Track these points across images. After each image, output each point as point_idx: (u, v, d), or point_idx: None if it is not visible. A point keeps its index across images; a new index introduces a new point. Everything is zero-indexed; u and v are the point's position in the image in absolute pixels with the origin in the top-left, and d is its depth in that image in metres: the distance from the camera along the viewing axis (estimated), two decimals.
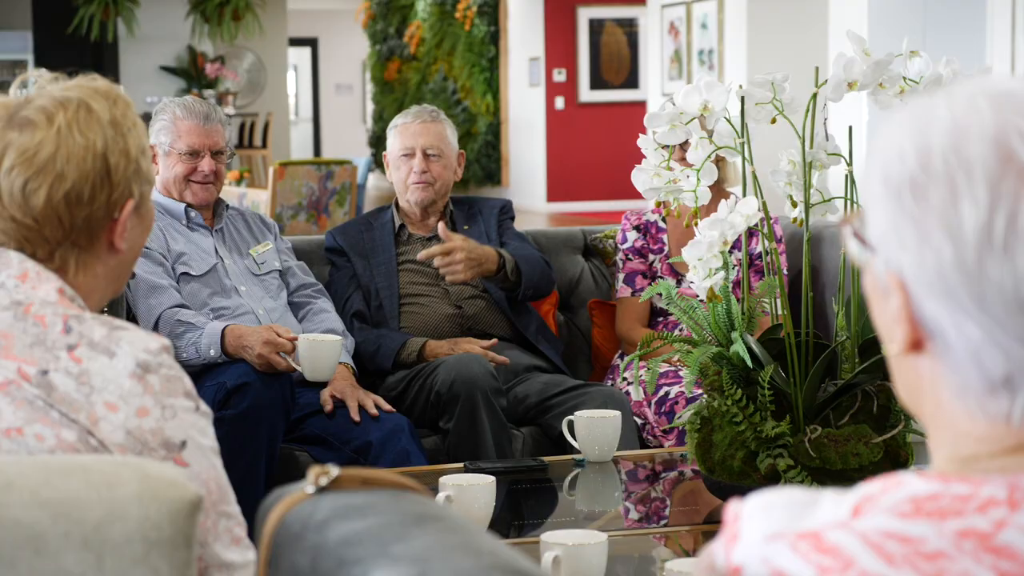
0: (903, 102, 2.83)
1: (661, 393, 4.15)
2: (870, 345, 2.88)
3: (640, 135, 3.00)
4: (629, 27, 17.76)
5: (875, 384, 2.87)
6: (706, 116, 2.86)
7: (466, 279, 4.25)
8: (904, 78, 2.85)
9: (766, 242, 3.00)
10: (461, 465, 3.42)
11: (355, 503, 1.34)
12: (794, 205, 2.93)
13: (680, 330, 4.02)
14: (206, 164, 4.12)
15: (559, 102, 17.79)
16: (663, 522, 3.19)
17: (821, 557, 1.01)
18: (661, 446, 4.08)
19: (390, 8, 21.17)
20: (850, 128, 2.92)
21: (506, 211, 4.60)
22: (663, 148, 2.93)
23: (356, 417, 3.89)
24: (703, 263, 2.79)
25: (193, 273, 4.05)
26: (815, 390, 2.86)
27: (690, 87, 2.87)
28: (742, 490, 2.88)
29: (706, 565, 1.14)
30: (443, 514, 1.31)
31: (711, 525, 3.07)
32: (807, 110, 2.89)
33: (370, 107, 23.03)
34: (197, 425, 1.91)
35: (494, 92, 18.66)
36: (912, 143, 1.08)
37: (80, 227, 1.94)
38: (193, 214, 4.16)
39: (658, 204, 2.94)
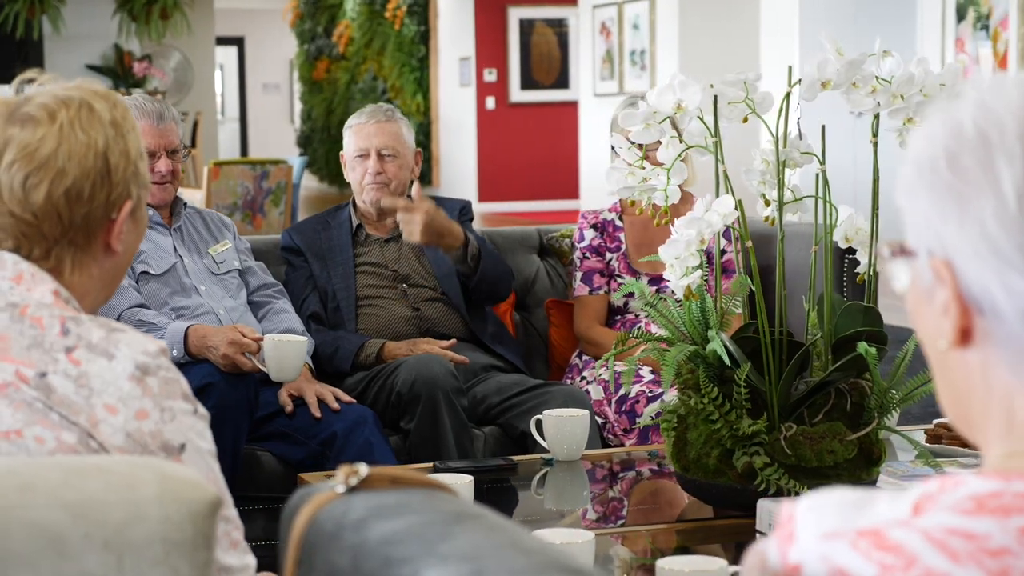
0: (875, 101, 2.87)
1: (621, 392, 4.15)
2: (843, 344, 2.90)
3: (614, 134, 3.00)
4: (559, 27, 17.80)
5: (848, 382, 2.90)
6: (679, 115, 2.87)
7: (421, 243, 4.25)
8: (876, 77, 2.87)
9: (733, 241, 3.02)
10: (431, 465, 3.41)
11: (388, 502, 1.33)
12: (767, 204, 2.94)
13: (639, 329, 4.02)
14: (163, 164, 4.07)
15: (490, 102, 17.80)
16: (625, 521, 3.19)
17: (883, 555, 1.01)
18: (622, 445, 4.09)
19: (318, 7, 21.08)
20: (823, 127, 2.94)
21: (466, 212, 4.59)
22: (636, 147, 2.93)
23: (317, 413, 3.88)
24: (680, 261, 2.80)
25: (153, 272, 4.01)
26: (790, 388, 2.88)
27: (664, 86, 2.87)
28: (717, 488, 2.89)
29: (755, 564, 1.14)
30: (479, 513, 1.30)
31: (687, 523, 3.09)
32: (780, 109, 2.90)
33: (298, 107, 22.92)
34: (195, 428, 1.91)
35: (424, 92, 18.64)
36: (941, 125, 1.10)
37: (79, 225, 1.93)
38: (151, 213, 4.11)
39: (631, 203, 2.94)
